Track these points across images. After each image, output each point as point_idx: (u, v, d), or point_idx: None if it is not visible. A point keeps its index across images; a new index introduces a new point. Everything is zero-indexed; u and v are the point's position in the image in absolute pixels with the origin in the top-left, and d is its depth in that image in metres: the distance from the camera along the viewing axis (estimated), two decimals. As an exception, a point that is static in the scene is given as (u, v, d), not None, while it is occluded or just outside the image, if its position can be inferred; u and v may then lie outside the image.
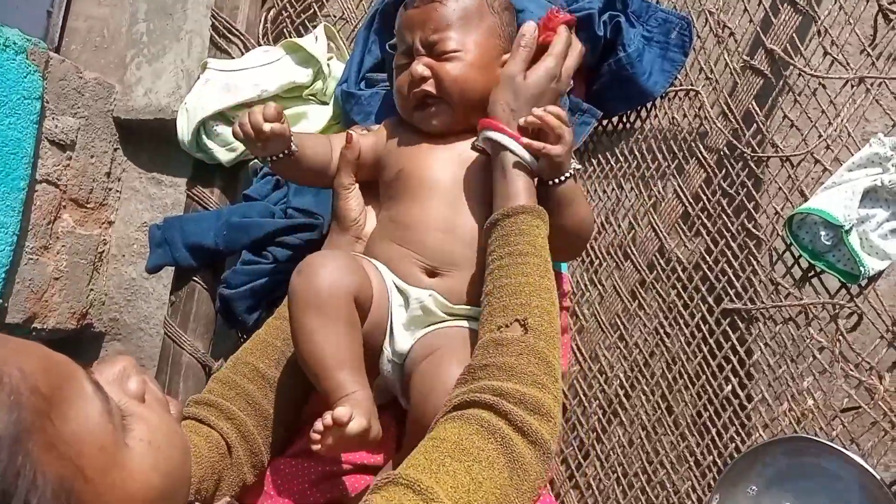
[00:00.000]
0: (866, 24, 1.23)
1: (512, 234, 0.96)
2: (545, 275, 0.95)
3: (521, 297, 0.91)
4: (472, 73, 1.09)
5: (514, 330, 0.89)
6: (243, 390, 1.04)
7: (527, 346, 0.87)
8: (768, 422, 1.21)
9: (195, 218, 1.40)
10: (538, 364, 0.86)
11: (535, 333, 0.88)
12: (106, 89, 2.08)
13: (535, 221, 0.97)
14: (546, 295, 0.93)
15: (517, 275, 0.93)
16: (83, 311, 2.03)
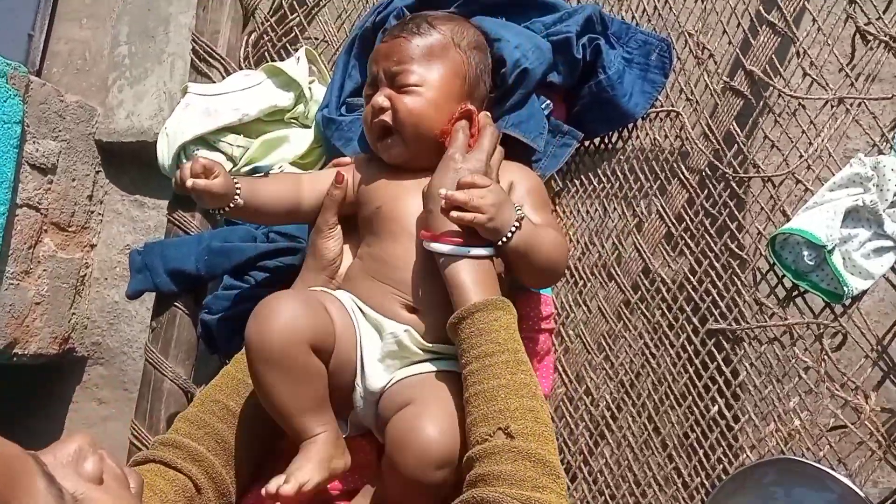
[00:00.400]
0: (844, 45, 1.24)
1: (472, 337, 0.95)
2: (517, 369, 0.94)
3: (497, 402, 0.91)
4: (428, 108, 1.10)
5: (499, 438, 0.89)
6: (212, 429, 1.03)
7: (518, 451, 0.87)
8: (755, 442, 1.20)
9: (176, 243, 1.39)
10: (534, 467, 0.86)
11: (523, 437, 0.88)
12: (87, 112, 2.06)
13: (493, 315, 0.96)
14: (524, 391, 0.92)
15: (488, 378, 0.93)
16: (65, 336, 2.01)
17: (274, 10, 1.61)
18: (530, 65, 1.21)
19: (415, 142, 1.11)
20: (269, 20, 1.60)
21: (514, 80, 1.21)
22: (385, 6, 1.32)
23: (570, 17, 1.29)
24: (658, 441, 1.27)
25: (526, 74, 1.21)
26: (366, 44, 1.32)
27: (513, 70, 1.20)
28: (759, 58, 1.26)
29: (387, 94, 1.10)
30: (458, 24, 1.17)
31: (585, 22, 1.28)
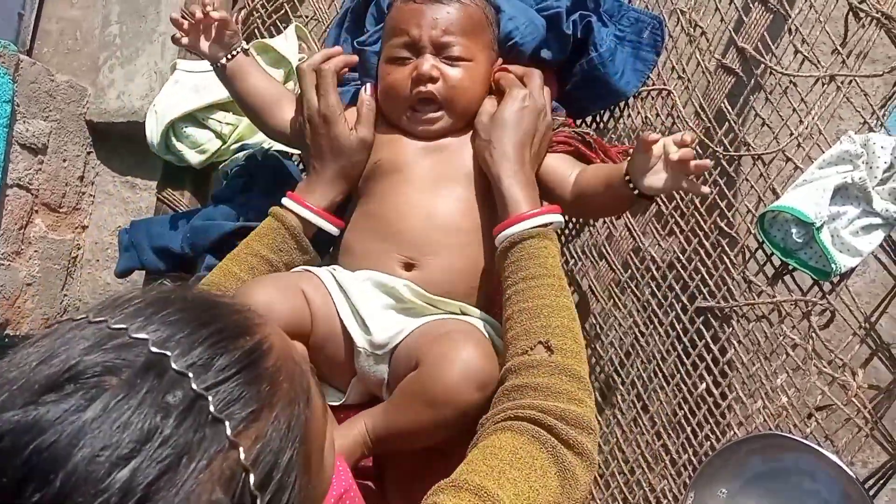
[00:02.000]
0: (837, 23, 1.24)
1: (522, 260, 0.98)
2: (560, 293, 0.96)
3: (540, 319, 0.93)
4: (476, 85, 1.11)
5: (539, 352, 0.91)
6: None
7: (556, 365, 0.89)
8: (743, 419, 1.21)
9: (161, 221, 1.39)
10: (570, 381, 0.88)
11: (562, 352, 0.90)
12: (78, 92, 2.05)
13: (543, 243, 0.99)
14: (565, 313, 0.95)
15: (533, 298, 0.95)
16: (57, 317, 2.01)
17: (264, -12, 1.60)
18: (521, 39, 1.19)
19: (461, 117, 1.10)
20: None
21: (506, 52, 1.20)
22: None
23: (562, -7, 1.28)
24: (646, 419, 1.27)
25: (517, 48, 1.20)
26: (357, 17, 1.30)
27: (504, 42, 1.19)
28: (751, 35, 1.25)
29: (434, 64, 1.08)
30: None
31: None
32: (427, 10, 1.08)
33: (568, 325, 0.94)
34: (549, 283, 0.96)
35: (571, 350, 0.91)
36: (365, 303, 1.03)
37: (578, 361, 0.91)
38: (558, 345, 0.90)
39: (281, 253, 1.08)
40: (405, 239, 1.05)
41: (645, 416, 1.27)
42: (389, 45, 1.12)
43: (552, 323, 0.92)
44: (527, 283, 0.96)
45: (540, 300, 0.95)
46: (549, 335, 0.91)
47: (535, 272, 0.97)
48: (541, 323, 0.93)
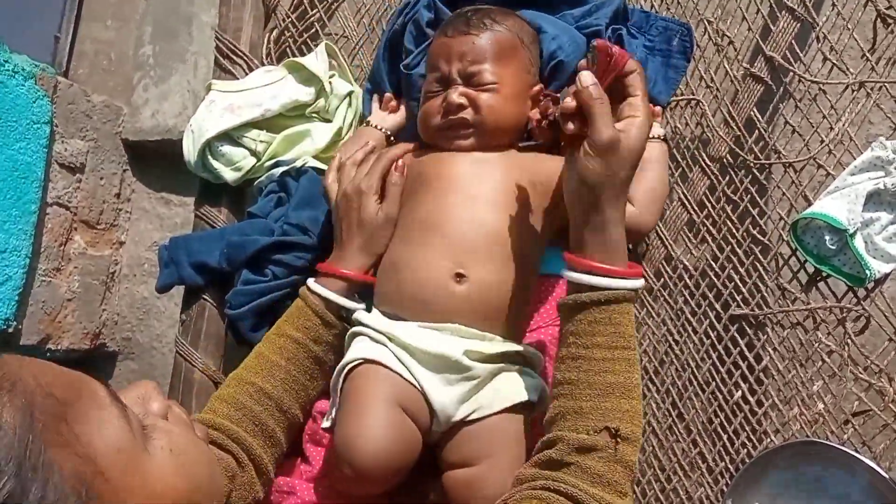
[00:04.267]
0: (865, 29, 1.24)
1: (601, 323, 0.89)
2: (634, 370, 0.89)
3: (611, 400, 0.87)
4: (506, 105, 1.13)
5: (604, 437, 0.85)
6: (250, 412, 1.05)
7: (617, 457, 0.85)
8: (779, 426, 1.21)
9: (199, 237, 1.42)
10: (624, 472, 0.85)
11: (627, 442, 0.86)
12: (114, 112, 2.10)
13: (627, 308, 0.90)
14: (635, 393, 0.89)
15: (607, 372, 0.88)
16: (96, 332, 2.05)
17: (294, 7, 1.63)
18: (566, 57, 1.21)
19: (491, 136, 1.14)
20: (290, 17, 1.62)
21: (549, 72, 1.22)
22: (412, 6, 1.33)
23: (599, 10, 1.30)
24: (682, 427, 1.28)
25: (561, 66, 1.22)
26: (394, 45, 1.34)
27: (548, 62, 1.21)
28: (778, 43, 1.26)
29: (463, 91, 1.12)
30: (516, 19, 1.18)
31: (613, 14, 1.29)
32: (455, 44, 1.13)
33: (636, 408, 0.88)
34: (626, 357, 0.89)
35: (636, 440, 0.87)
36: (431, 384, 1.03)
37: (636, 450, 0.87)
38: (626, 433, 0.86)
39: (307, 331, 1.12)
40: (455, 242, 1.06)
41: (681, 423, 1.28)
42: (427, 80, 1.18)
43: (622, 406, 0.87)
44: (602, 352, 0.89)
45: (614, 377, 0.88)
46: (619, 421, 0.86)
47: (614, 342, 0.89)
48: (611, 404, 0.87)
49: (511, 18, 1.17)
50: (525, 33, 1.17)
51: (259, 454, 1.02)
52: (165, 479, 0.62)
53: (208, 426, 1.03)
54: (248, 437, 1.03)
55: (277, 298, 1.33)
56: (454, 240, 1.07)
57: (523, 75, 1.16)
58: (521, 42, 1.16)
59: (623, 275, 0.89)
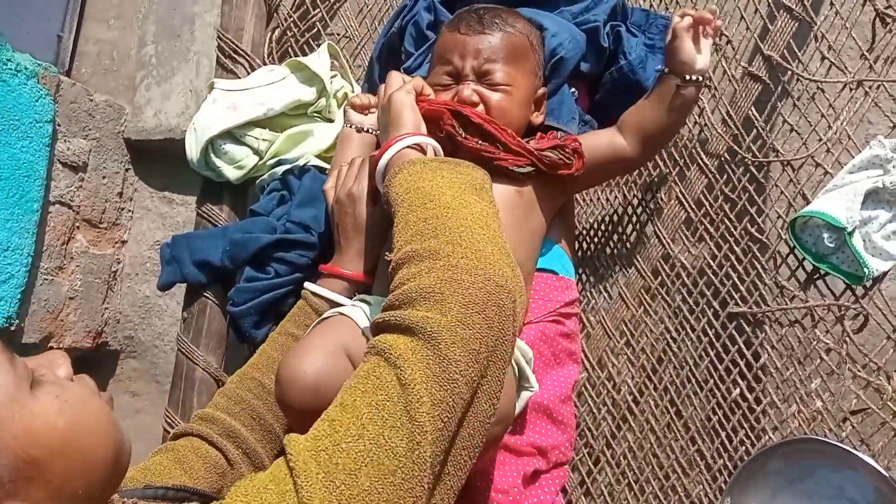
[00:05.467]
0: (864, 28, 1.24)
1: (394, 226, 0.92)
2: (407, 209, 0.89)
3: (393, 244, 0.88)
4: (516, 107, 1.14)
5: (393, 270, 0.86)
6: (249, 406, 1.07)
7: (393, 269, 0.84)
8: (778, 424, 1.21)
9: (202, 235, 1.42)
10: (407, 268, 0.82)
11: (398, 251, 0.84)
12: (116, 111, 2.11)
13: (394, 180, 0.95)
14: (410, 216, 0.87)
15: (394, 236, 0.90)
16: (98, 330, 2.06)
17: (296, 7, 1.64)
18: (566, 54, 1.22)
19: None
20: (291, 16, 1.64)
21: (550, 68, 1.23)
22: (410, 8, 1.34)
23: (597, 6, 1.30)
24: (680, 424, 1.28)
25: (561, 63, 1.23)
26: (392, 48, 1.35)
27: (549, 59, 1.22)
28: (777, 43, 1.26)
29: (476, 89, 1.12)
30: (525, 22, 1.19)
31: (611, 11, 1.30)
32: (470, 41, 1.14)
33: (403, 221, 0.87)
34: (395, 210, 0.91)
35: (404, 240, 0.85)
36: None
37: (414, 242, 0.83)
38: (395, 252, 0.84)
39: (308, 329, 1.13)
40: None
41: (679, 421, 1.28)
42: (434, 72, 1.18)
43: (396, 244, 0.86)
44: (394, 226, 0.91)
45: (392, 234, 0.90)
46: (397, 251, 0.85)
47: (393, 213, 0.92)
48: (390, 248, 0.88)
49: (521, 21, 1.18)
50: (534, 36, 1.18)
51: (254, 448, 1.04)
52: (46, 416, 0.61)
53: (206, 419, 1.04)
54: (245, 431, 1.05)
55: (280, 296, 1.33)
56: None
57: (532, 79, 1.17)
58: (530, 45, 1.17)
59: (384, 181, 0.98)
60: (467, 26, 1.15)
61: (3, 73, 1.77)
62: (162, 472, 0.95)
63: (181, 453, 0.99)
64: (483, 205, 0.91)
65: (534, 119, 1.19)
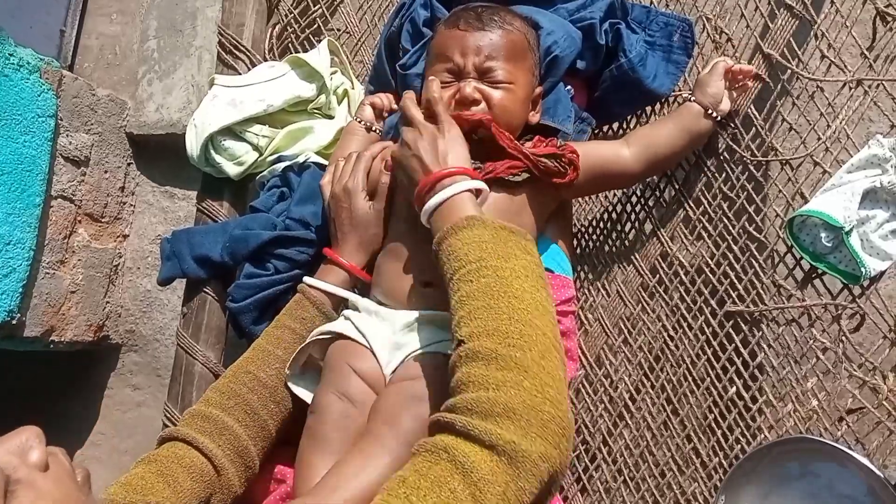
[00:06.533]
0: (865, 26, 1.24)
1: (443, 266, 0.94)
2: (476, 277, 0.89)
3: (455, 318, 0.88)
4: (517, 105, 1.14)
5: (454, 352, 0.85)
6: (243, 400, 1.07)
7: (465, 355, 0.82)
8: (773, 423, 1.21)
9: (202, 230, 1.43)
10: (484, 365, 0.80)
11: (472, 338, 0.83)
12: (118, 105, 2.12)
13: (457, 236, 0.94)
14: (478, 296, 0.87)
15: (452, 300, 0.90)
16: (100, 324, 2.07)
17: (297, 3, 1.64)
18: (561, 52, 1.22)
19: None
20: (292, 12, 1.64)
21: (546, 67, 1.22)
22: (408, 6, 1.34)
23: (593, 4, 1.30)
24: (677, 422, 1.29)
25: (557, 61, 1.22)
26: (393, 47, 1.34)
27: (545, 57, 1.22)
28: (777, 41, 1.26)
29: (477, 86, 1.12)
30: (523, 20, 1.19)
31: (608, 8, 1.29)
32: (470, 38, 1.13)
33: (482, 304, 0.85)
34: (462, 274, 0.90)
35: (486, 331, 0.82)
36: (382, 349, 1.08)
37: (499, 339, 0.81)
38: (467, 333, 0.83)
39: (304, 321, 1.16)
40: (425, 263, 1.07)
41: (675, 419, 1.29)
42: (433, 70, 1.17)
43: (462, 313, 0.86)
44: (450, 286, 0.91)
45: (455, 297, 0.89)
46: (462, 327, 0.84)
47: (452, 269, 0.91)
48: (455, 321, 0.87)
49: (518, 19, 1.18)
50: (531, 35, 1.18)
51: (246, 446, 1.04)
52: None
53: (197, 417, 1.04)
54: (238, 427, 1.04)
55: (279, 292, 1.34)
56: (426, 263, 1.06)
57: (531, 77, 1.17)
58: (528, 44, 1.17)
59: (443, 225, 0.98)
60: (466, 23, 1.14)
61: (5, 68, 1.78)
62: (144, 487, 0.93)
63: (164, 465, 0.97)
64: (550, 302, 0.91)
65: (531, 118, 1.19)
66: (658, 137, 1.21)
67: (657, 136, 1.21)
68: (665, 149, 1.22)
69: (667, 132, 1.22)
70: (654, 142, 1.21)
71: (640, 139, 1.21)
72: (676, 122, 1.22)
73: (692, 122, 1.21)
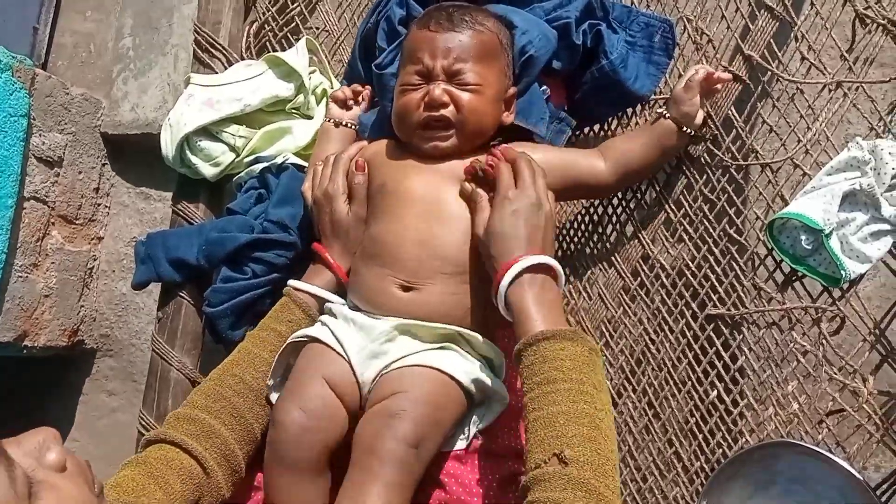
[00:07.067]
0: (844, 27, 1.24)
1: (536, 364, 0.93)
2: (579, 399, 0.90)
3: (555, 428, 0.88)
4: (488, 107, 1.14)
5: (553, 464, 0.85)
6: (229, 403, 1.05)
7: (569, 479, 0.84)
8: (754, 426, 1.21)
9: (177, 233, 1.40)
10: (585, 496, 0.83)
11: (577, 464, 0.85)
12: (93, 105, 2.08)
13: (559, 344, 0.93)
14: (584, 420, 0.88)
15: (548, 405, 0.90)
16: (74, 328, 2.03)
17: (275, 0, 1.62)
18: (536, 52, 1.21)
19: (470, 138, 1.14)
20: (270, 10, 1.61)
21: (520, 66, 1.21)
22: (385, 4, 1.32)
23: (570, 3, 1.29)
24: (658, 426, 1.28)
25: (531, 61, 1.22)
26: (369, 45, 1.33)
27: (519, 57, 1.21)
28: (757, 43, 1.26)
29: (447, 88, 1.11)
30: (495, 20, 1.18)
31: (585, 7, 1.28)
32: (440, 39, 1.12)
33: (587, 433, 0.87)
34: (565, 388, 0.90)
35: (589, 462, 0.85)
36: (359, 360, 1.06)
37: (598, 475, 0.85)
38: (573, 456, 0.85)
39: (290, 324, 1.15)
40: (403, 266, 1.09)
41: (657, 423, 1.28)
42: (405, 72, 1.16)
43: (568, 432, 0.87)
44: (541, 388, 0.91)
45: (555, 406, 0.89)
46: (564, 445, 0.86)
47: (551, 376, 0.91)
48: (555, 432, 0.87)
49: (491, 19, 1.17)
50: (504, 35, 1.17)
51: (233, 449, 1.03)
52: None
53: (182, 420, 1.03)
54: (225, 430, 1.03)
55: (257, 296, 1.32)
56: (403, 263, 1.09)
57: (503, 78, 1.16)
58: (501, 44, 1.15)
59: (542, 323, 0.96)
60: (437, 24, 1.13)
61: (-25, 67, 1.74)
62: (136, 489, 0.93)
63: (154, 466, 0.97)
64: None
65: (504, 119, 1.18)
66: (633, 152, 1.21)
67: (632, 151, 1.21)
68: (639, 163, 1.22)
69: (641, 147, 1.21)
70: (629, 156, 1.21)
71: (616, 153, 1.21)
72: (651, 136, 1.21)
73: (666, 138, 1.21)
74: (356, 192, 1.19)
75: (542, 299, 0.98)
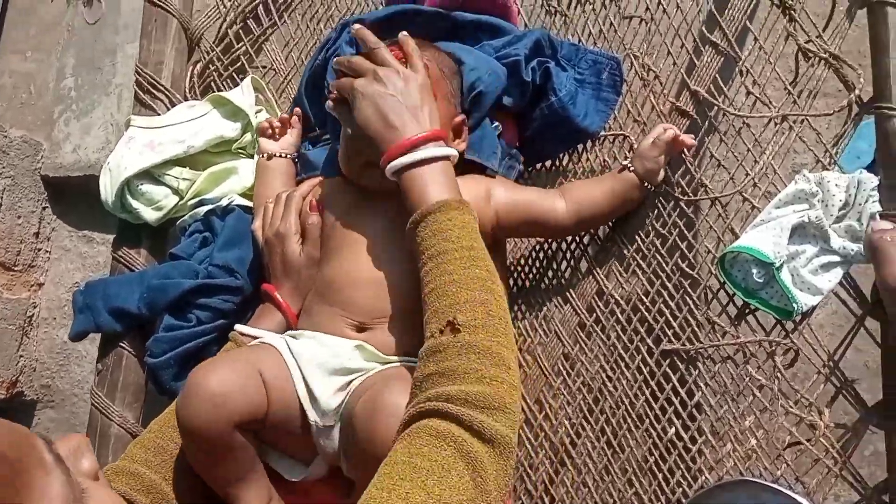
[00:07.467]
0: (788, 59, 1.25)
1: (427, 238, 0.94)
2: (469, 265, 0.91)
3: (447, 298, 0.89)
4: None
5: (447, 333, 0.87)
6: (170, 456, 1.01)
7: (462, 344, 0.85)
8: (713, 463, 1.19)
9: (118, 281, 1.35)
10: (479, 358, 0.84)
11: (469, 329, 0.86)
12: (32, 147, 2.02)
13: (447, 215, 0.95)
14: (475, 284, 0.90)
15: (441, 275, 0.91)
16: (13, 380, 1.94)
17: (219, 39, 1.59)
18: (485, 88, 1.21)
19: None
20: (214, 49, 1.58)
21: (470, 102, 1.20)
22: (333, 41, 1.31)
23: (519, 41, 1.30)
24: (618, 466, 1.26)
25: (481, 97, 1.21)
26: (317, 80, 1.31)
27: (468, 93, 1.20)
28: (703, 78, 1.27)
29: None
30: (435, 51, 1.18)
31: (534, 45, 1.29)
32: None
33: (479, 297, 0.89)
34: (456, 256, 0.92)
35: (481, 324, 0.86)
36: (314, 373, 1.02)
37: (490, 334, 0.86)
38: (465, 321, 0.86)
39: None
40: (355, 305, 1.07)
41: (616, 463, 1.26)
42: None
43: (460, 298, 0.88)
44: (434, 260, 0.92)
45: (447, 276, 0.90)
46: (456, 312, 0.87)
47: (442, 247, 0.92)
48: (448, 301, 0.88)
49: (430, 49, 1.17)
50: (444, 65, 1.17)
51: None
52: None
53: (120, 474, 0.99)
54: (166, 485, 0.99)
55: (202, 344, 1.28)
56: (356, 304, 1.06)
57: (443, 104, 1.14)
58: (441, 73, 1.14)
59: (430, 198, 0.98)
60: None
61: None
62: None
63: None
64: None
65: (456, 146, 1.16)
66: (593, 199, 1.22)
67: (592, 198, 1.22)
68: (597, 210, 1.22)
69: (602, 194, 1.22)
70: (588, 203, 1.21)
71: (576, 197, 1.21)
72: (612, 187, 1.22)
73: (628, 190, 1.22)
74: (310, 232, 1.17)
75: (433, 175, 1.00)
